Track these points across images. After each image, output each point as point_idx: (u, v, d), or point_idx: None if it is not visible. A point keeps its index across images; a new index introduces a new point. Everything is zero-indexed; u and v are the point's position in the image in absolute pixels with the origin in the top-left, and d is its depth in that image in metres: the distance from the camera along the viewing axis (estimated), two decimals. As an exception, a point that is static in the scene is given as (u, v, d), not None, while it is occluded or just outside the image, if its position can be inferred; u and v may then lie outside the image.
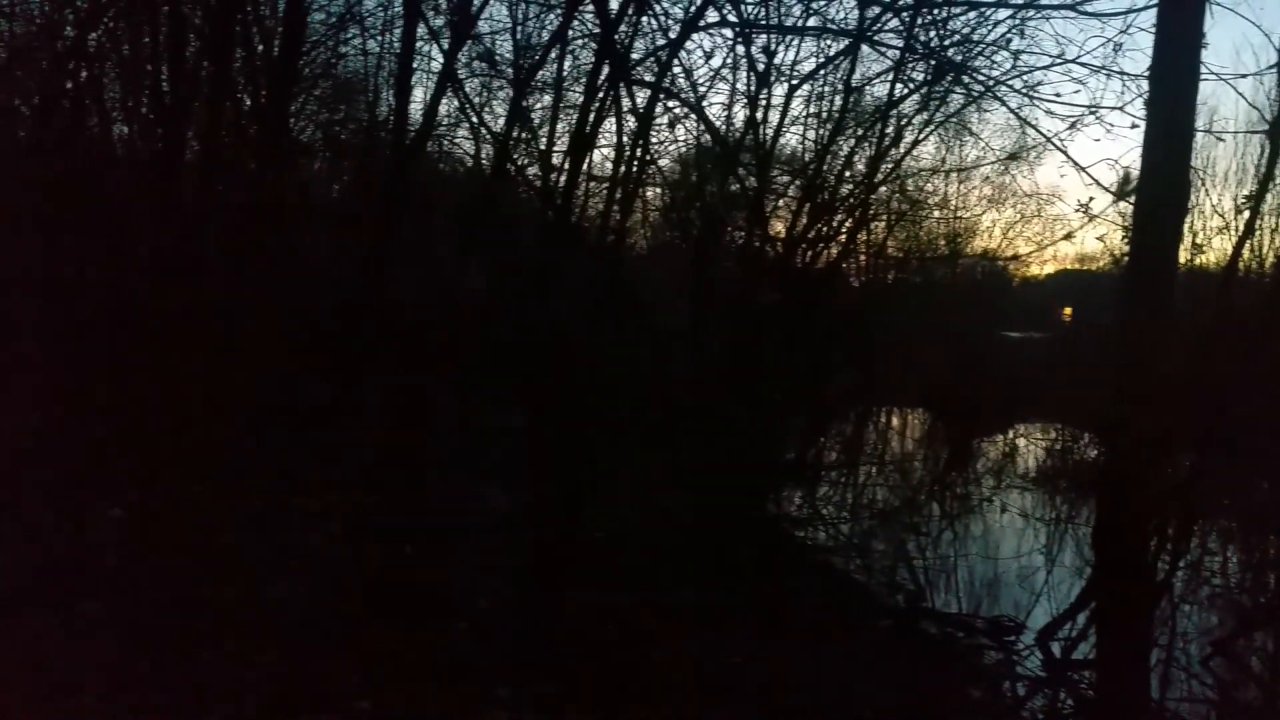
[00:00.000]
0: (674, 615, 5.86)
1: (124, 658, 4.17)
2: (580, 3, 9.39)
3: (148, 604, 4.71)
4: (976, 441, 18.61)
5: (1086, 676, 6.58)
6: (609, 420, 9.59)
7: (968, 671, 6.29)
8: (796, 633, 5.96)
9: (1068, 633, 7.15)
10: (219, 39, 9.05)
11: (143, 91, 10.01)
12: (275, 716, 3.96)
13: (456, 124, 12.97)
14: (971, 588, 8.21)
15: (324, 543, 6.14)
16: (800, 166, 13.58)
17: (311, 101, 12.73)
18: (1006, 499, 12.12)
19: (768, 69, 11.32)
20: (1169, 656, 6.82)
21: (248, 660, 4.35)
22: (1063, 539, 10.10)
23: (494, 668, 4.68)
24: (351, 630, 4.82)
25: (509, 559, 6.50)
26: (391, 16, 11.71)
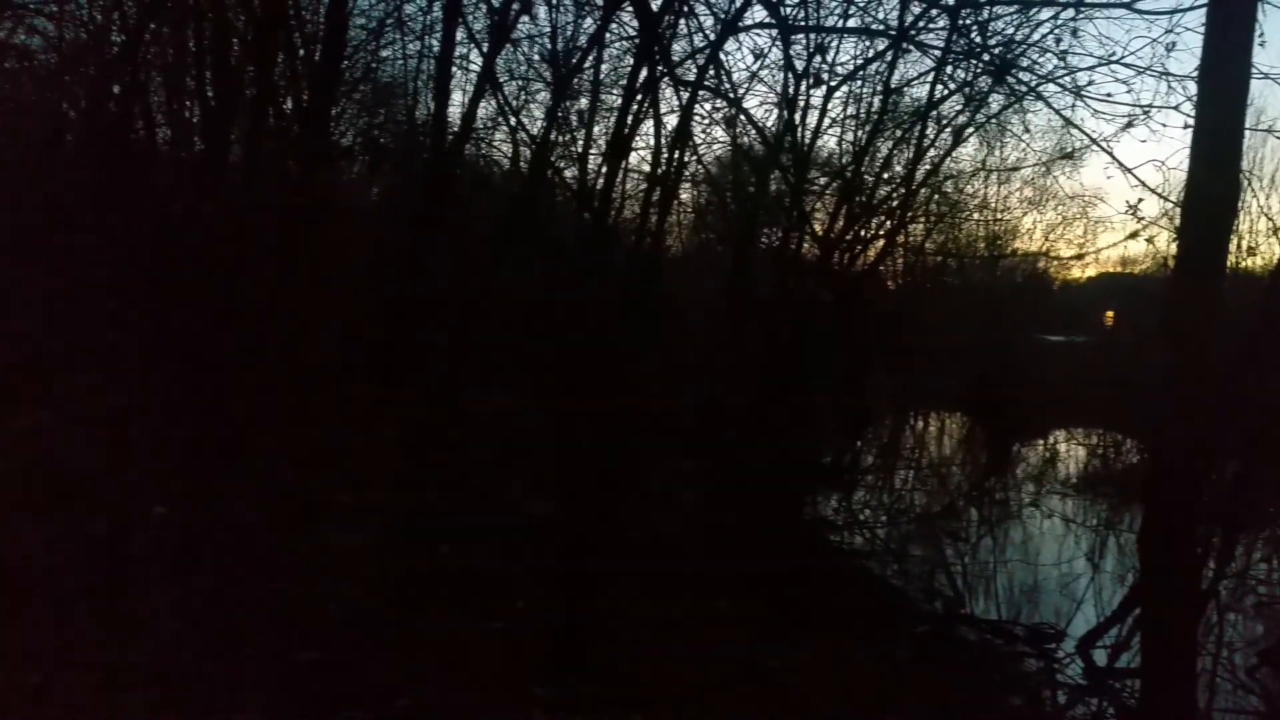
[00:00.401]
0: (710, 618, 5.85)
1: (167, 653, 4.23)
2: (619, 5, 9.40)
3: (190, 601, 4.77)
4: (1016, 445, 18.40)
5: (1129, 686, 6.47)
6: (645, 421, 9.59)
7: (1007, 679, 6.21)
8: (833, 638, 5.92)
9: (1110, 641, 7.03)
10: (262, 44, 9.17)
11: (187, 96, 10.18)
12: (314, 713, 4.00)
13: (495, 126, 13.06)
14: (1011, 594, 8.11)
15: (363, 541, 6.19)
16: (838, 168, 13.51)
17: (352, 105, 12.88)
18: (1047, 504, 11.97)
19: (806, 70, 11.27)
20: (1215, 667, 6.69)
21: (288, 657, 4.39)
22: (1104, 545, 9.95)
23: (531, 667, 4.70)
24: (389, 629, 4.86)
25: (545, 560, 6.51)
26: (431, 21, 11.82)
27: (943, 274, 23.28)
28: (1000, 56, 8.92)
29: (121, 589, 4.78)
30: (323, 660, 4.40)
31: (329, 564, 5.65)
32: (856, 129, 13.56)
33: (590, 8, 10.59)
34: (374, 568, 5.73)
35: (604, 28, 9.89)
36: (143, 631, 4.39)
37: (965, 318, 22.53)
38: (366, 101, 13.06)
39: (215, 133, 9.48)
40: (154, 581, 4.95)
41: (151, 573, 5.08)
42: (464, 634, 4.97)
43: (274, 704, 4.00)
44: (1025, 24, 9.20)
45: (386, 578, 5.59)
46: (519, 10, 9.76)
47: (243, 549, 5.60)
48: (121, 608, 4.58)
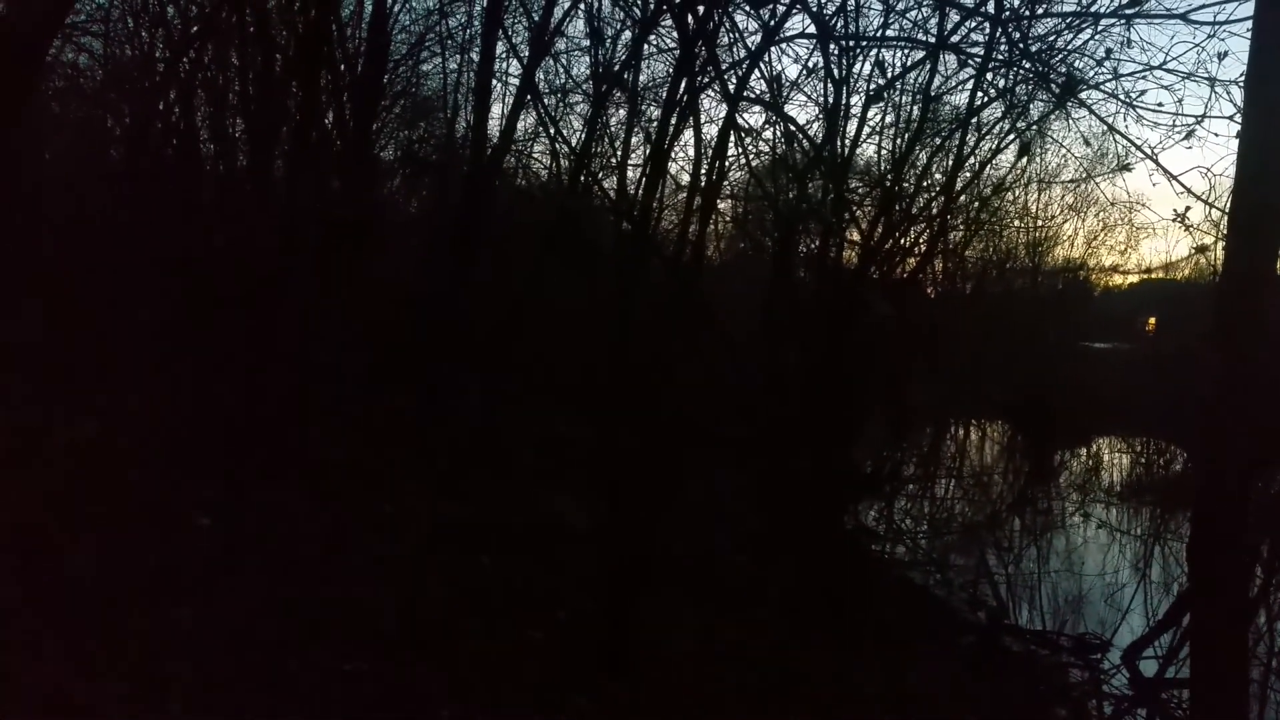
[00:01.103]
0: (752, 629, 5.84)
1: (213, 664, 4.28)
2: (660, 17, 9.47)
3: (237, 611, 4.82)
4: (1059, 454, 18.20)
5: (1177, 696, 6.39)
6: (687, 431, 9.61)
7: (1052, 690, 6.16)
8: (876, 648, 5.90)
9: (1157, 651, 6.95)
10: (305, 61, 9.32)
11: (231, 112, 10.38)
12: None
13: (534, 138, 13.18)
14: (1056, 604, 8.04)
15: (407, 551, 6.24)
16: (878, 176, 13.46)
17: (392, 119, 13.05)
18: (1091, 513, 11.83)
19: (846, 78, 11.26)
20: (1264, 676, 6.60)
21: (334, 667, 4.44)
22: (1149, 555, 9.83)
23: (573, 678, 4.72)
24: (433, 639, 4.90)
25: (586, 570, 6.54)
26: (471, 35, 11.95)
27: (984, 281, 23.10)
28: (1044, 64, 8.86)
29: (165, 599, 4.85)
30: (366, 671, 4.45)
31: (372, 575, 5.71)
32: (896, 137, 13.52)
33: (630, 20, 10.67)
34: (417, 578, 5.78)
35: (643, 38, 9.96)
36: (186, 642, 4.45)
37: (1006, 325, 22.33)
38: (407, 115, 13.24)
39: (259, 148, 9.64)
40: (198, 591, 5.02)
41: (195, 582, 5.15)
42: (505, 644, 5.00)
43: (318, 715, 4.05)
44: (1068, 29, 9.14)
45: (429, 588, 5.64)
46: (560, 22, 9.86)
47: (286, 559, 5.67)
48: (165, 618, 4.65)
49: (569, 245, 10.40)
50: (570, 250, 10.46)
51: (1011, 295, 24.05)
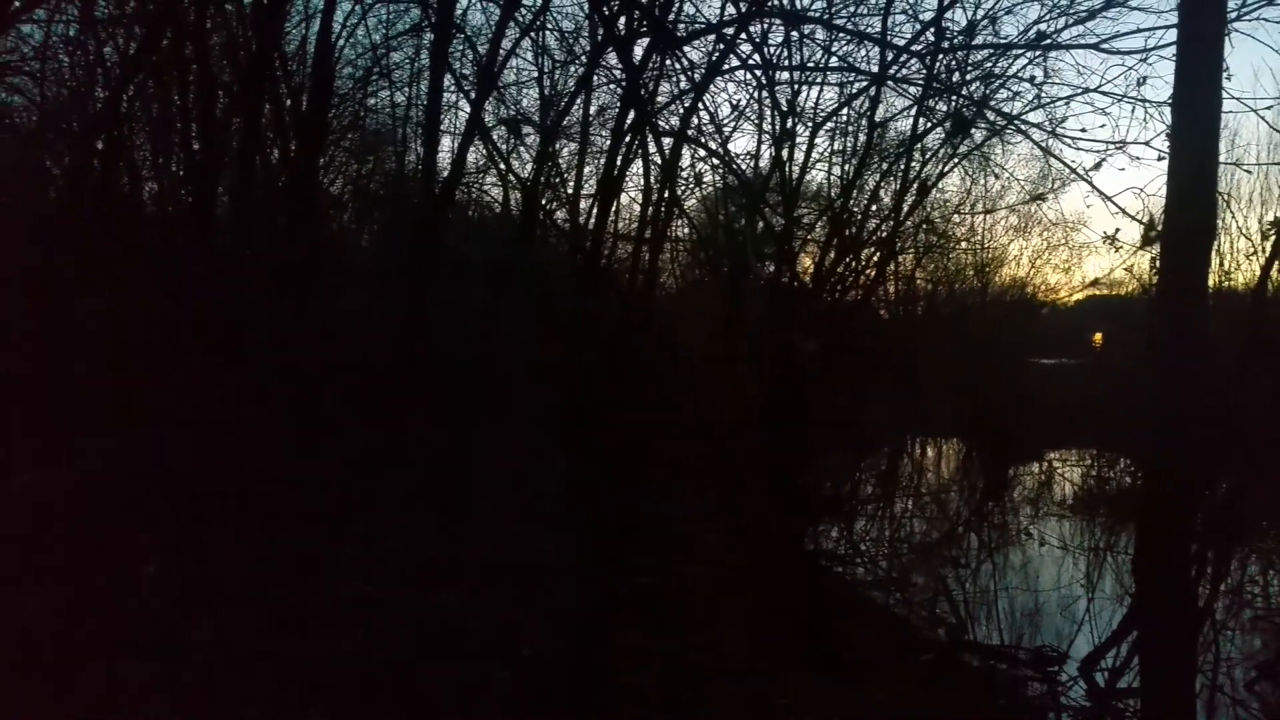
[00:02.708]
0: (719, 657, 5.84)
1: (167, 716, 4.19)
2: (604, 52, 9.56)
3: (189, 662, 4.73)
4: (1012, 470, 18.44)
5: (1131, 705, 6.49)
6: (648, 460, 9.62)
7: (1012, 703, 6.23)
8: (841, 670, 5.93)
9: (1111, 662, 7.05)
10: (248, 96, 9.26)
11: (173, 149, 10.25)
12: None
13: (484, 171, 13.19)
14: (1013, 619, 8.12)
15: (367, 592, 6.17)
16: (827, 203, 13.66)
17: (340, 154, 12.99)
18: (1045, 528, 11.99)
19: (790, 109, 11.45)
20: (1214, 682, 6.71)
21: (292, 715, 4.37)
22: (1102, 567, 9.97)
23: (543, 715, 4.68)
24: (394, 682, 4.84)
25: (554, 603, 6.51)
26: (418, 69, 11.97)
27: (934, 302, 23.42)
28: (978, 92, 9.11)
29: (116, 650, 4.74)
30: (324, 716, 4.38)
31: (333, 618, 5.63)
32: (843, 164, 13.75)
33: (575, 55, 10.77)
34: (377, 620, 5.71)
35: (590, 73, 10.05)
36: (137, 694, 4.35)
37: (958, 344, 22.63)
38: (355, 150, 13.19)
39: (202, 186, 9.53)
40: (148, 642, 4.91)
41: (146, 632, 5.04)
42: (469, 685, 4.95)
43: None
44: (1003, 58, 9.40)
45: (390, 630, 5.58)
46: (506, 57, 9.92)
47: (245, 605, 5.58)
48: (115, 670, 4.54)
49: (523, 277, 10.41)
50: (525, 282, 10.48)
51: (962, 315, 24.38)
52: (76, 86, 10.22)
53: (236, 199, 9.66)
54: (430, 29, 9.98)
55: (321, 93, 9.74)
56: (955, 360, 22.10)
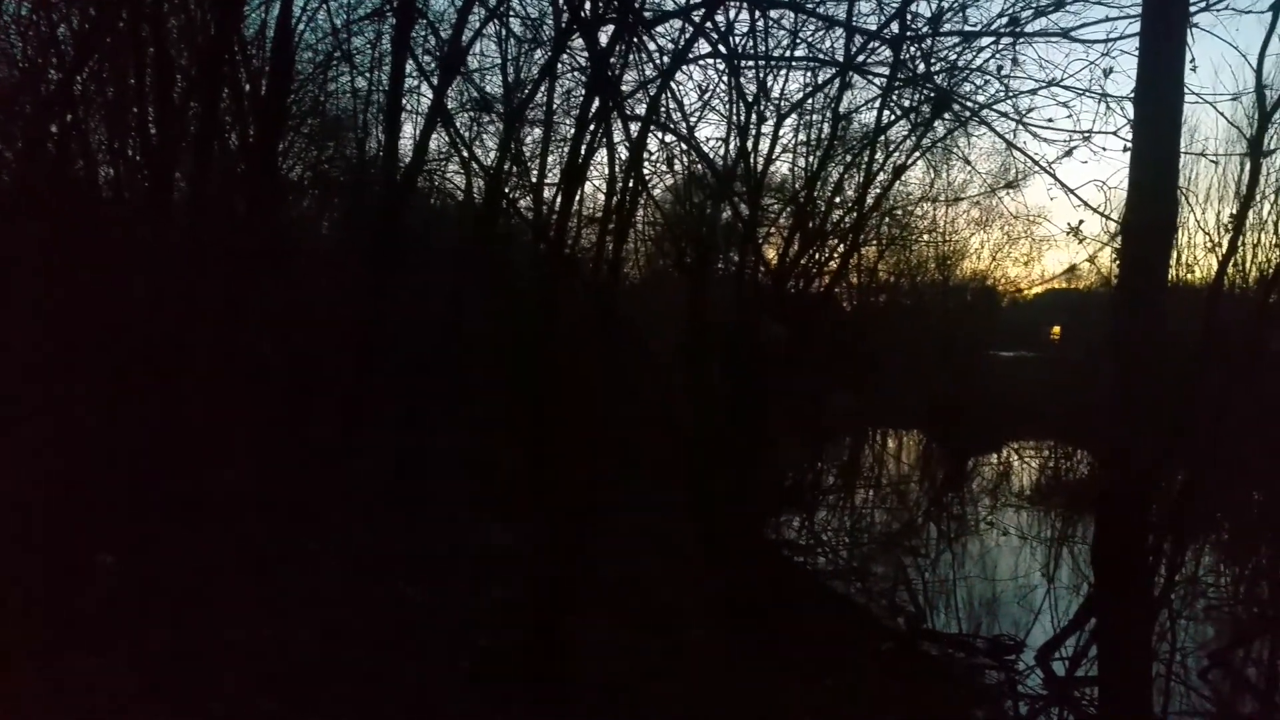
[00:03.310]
0: (680, 646, 5.84)
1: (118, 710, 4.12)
2: (569, 37, 9.48)
3: (142, 653, 4.66)
4: (972, 461, 18.64)
5: (1088, 694, 6.57)
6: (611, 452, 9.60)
7: (969, 692, 6.29)
8: (800, 660, 5.95)
9: (1068, 651, 7.14)
10: (206, 80, 9.09)
11: (129, 134, 10.04)
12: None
13: (447, 159, 13.04)
14: (971, 608, 8.21)
15: (324, 583, 6.10)
16: (792, 194, 13.69)
17: (300, 140, 12.79)
18: (1003, 519, 12.13)
19: (757, 98, 11.44)
20: (1169, 671, 6.82)
21: (249, 707, 4.31)
22: (1059, 557, 10.11)
23: (498, 707, 4.65)
24: (352, 673, 4.79)
25: (513, 594, 6.48)
26: (380, 54, 11.80)
27: (896, 295, 23.60)
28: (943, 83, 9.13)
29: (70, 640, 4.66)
30: (284, 709, 4.32)
31: (289, 610, 5.56)
32: (808, 155, 13.78)
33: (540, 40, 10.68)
34: (335, 609, 5.65)
35: (554, 59, 9.96)
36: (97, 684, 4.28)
37: (919, 337, 22.83)
38: (315, 135, 13.00)
39: (159, 171, 9.34)
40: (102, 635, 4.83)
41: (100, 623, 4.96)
42: (429, 675, 4.91)
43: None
44: (967, 50, 9.45)
45: (348, 621, 5.52)
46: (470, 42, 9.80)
47: (199, 597, 5.50)
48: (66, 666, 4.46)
49: (486, 266, 10.33)
50: (487, 271, 10.39)
51: (923, 308, 24.60)
52: (29, 67, 9.97)
53: (194, 184, 9.48)
54: (392, 13, 9.83)
55: (281, 77, 9.58)
56: (916, 352, 22.30)
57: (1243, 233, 11.87)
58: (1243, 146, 10.14)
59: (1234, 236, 10.15)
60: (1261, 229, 14.73)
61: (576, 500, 8.64)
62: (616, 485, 9.67)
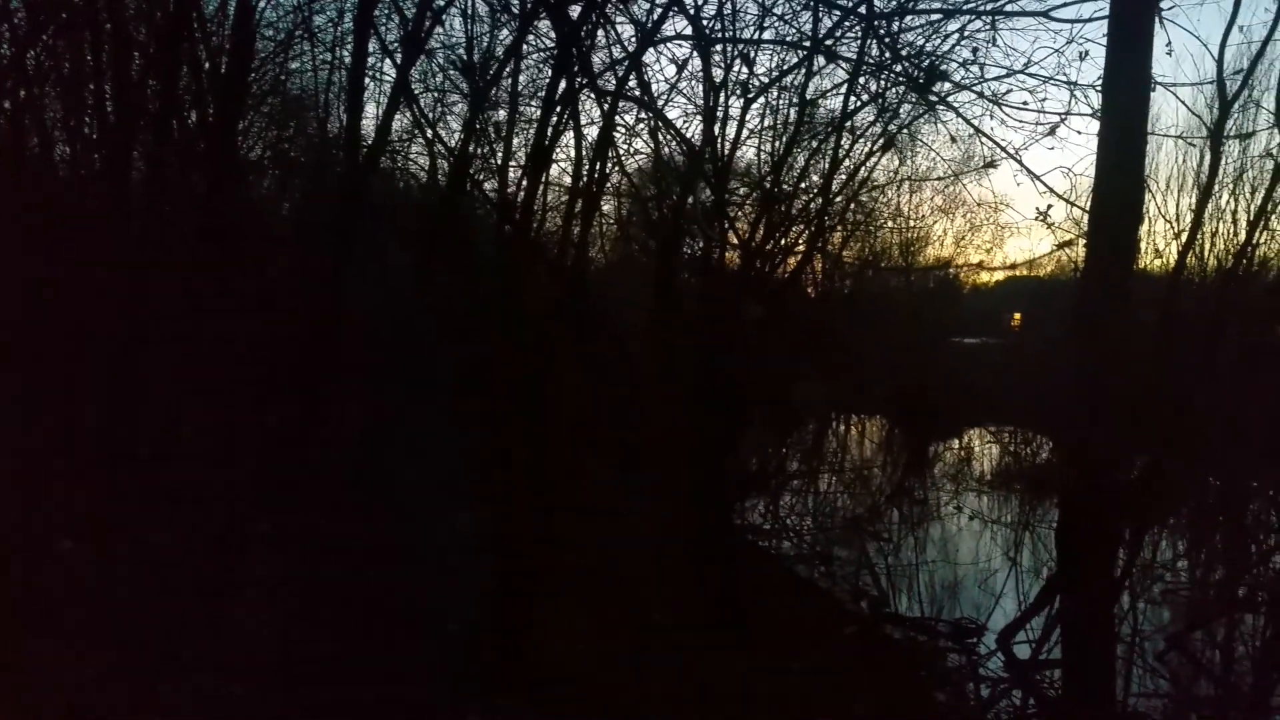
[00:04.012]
0: (647, 632, 5.83)
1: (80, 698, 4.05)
2: (536, 16, 9.37)
3: (104, 641, 4.57)
4: (935, 446, 18.82)
5: (1048, 676, 6.65)
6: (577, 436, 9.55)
7: (931, 674, 6.34)
8: (766, 644, 5.96)
9: (1029, 634, 7.22)
10: (164, 56, 8.89)
11: (85, 111, 9.82)
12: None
13: (411, 139, 12.87)
14: (934, 592, 8.28)
15: (286, 570, 6.03)
16: (758, 178, 13.67)
17: (261, 119, 12.58)
18: (965, 503, 12.25)
19: (725, 81, 11.40)
20: (1128, 654, 6.92)
21: (209, 694, 4.24)
22: (1020, 541, 10.22)
23: (466, 693, 4.61)
24: (316, 659, 4.73)
25: (480, 578, 6.43)
26: (343, 32, 11.60)
27: (861, 281, 23.71)
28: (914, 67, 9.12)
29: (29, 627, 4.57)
30: (244, 696, 4.26)
31: (252, 597, 5.49)
32: (775, 140, 13.76)
33: (507, 18, 10.54)
34: (299, 598, 5.57)
35: (521, 38, 9.84)
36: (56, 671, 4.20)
37: (884, 323, 22.98)
38: (276, 114, 12.78)
39: (116, 149, 9.14)
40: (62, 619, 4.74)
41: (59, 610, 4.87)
42: (394, 662, 4.87)
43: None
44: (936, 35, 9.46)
45: (312, 608, 5.45)
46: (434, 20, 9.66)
47: (159, 583, 5.41)
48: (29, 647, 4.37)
49: (451, 248, 10.21)
50: (452, 254, 10.28)
51: (887, 294, 24.75)
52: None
53: (152, 163, 9.28)
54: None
55: (241, 55, 9.38)
56: (881, 338, 22.44)
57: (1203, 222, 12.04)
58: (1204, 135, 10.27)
59: (1194, 225, 10.29)
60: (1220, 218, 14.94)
61: (544, 486, 8.60)
62: (585, 470, 9.64)
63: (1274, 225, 14.30)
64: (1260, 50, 10.27)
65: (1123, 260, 7.33)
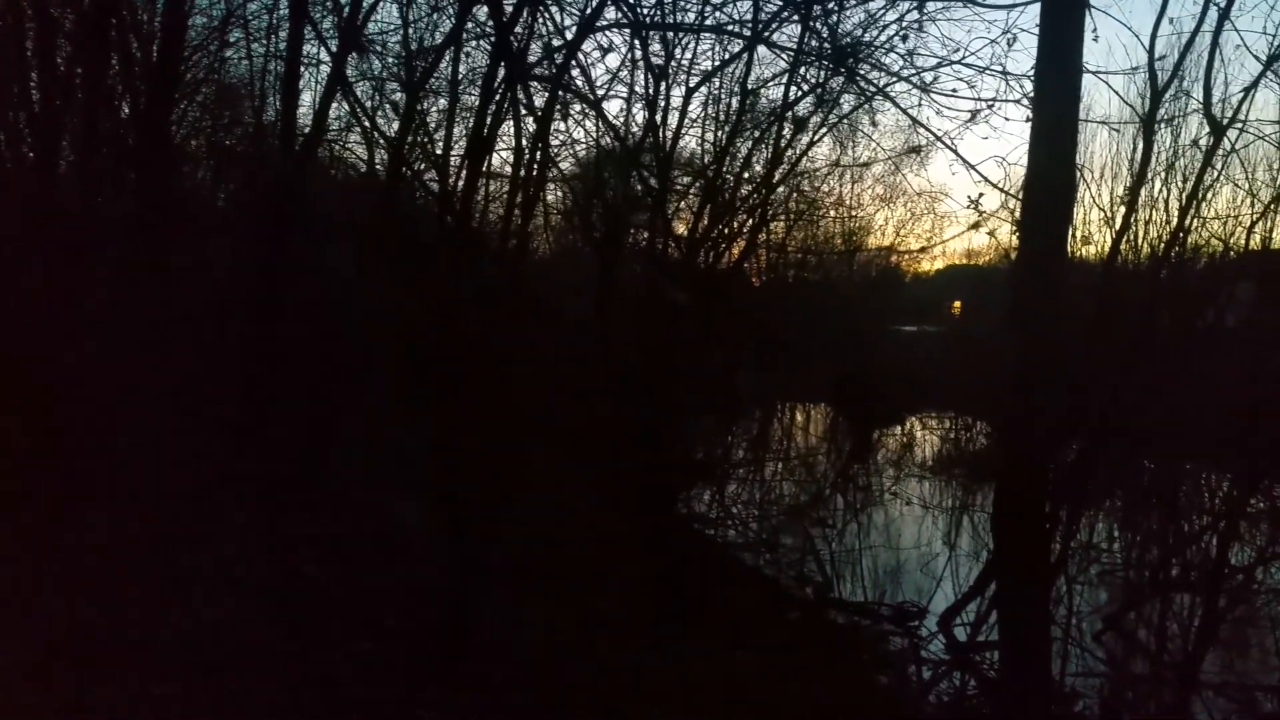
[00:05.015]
0: (594, 623, 5.82)
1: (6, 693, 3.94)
2: (474, 3, 9.27)
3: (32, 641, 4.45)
4: (877, 433, 19.04)
5: (988, 658, 6.77)
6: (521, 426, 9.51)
7: (874, 657, 6.42)
8: (712, 632, 5.98)
9: (969, 616, 7.34)
10: (92, 43, 8.66)
11: (11, 99, 9.53)
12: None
13: (348, 128, 12.68)
14: (876, 576, 8.38)
15: (223, 566, 5.91)
16: (700, 168, 13.71)
17: (194, 109, 12.31)
18: (907, 489, 12.41)
19: (665, 70, 11.40)
20: (1065, 634, 7.06)
21: (142, 692, 4.15)
22: (960, 525, 10.38)
23: (410, 688, 4.56)
24: (254, 656, 4.64)
25: (421, 573, 6.36)
26: (277, 20, 11.39)
27: (804, 270, 23.92)
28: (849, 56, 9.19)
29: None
30: (178, 694, 4.17)
31: (187, 593, 5.37)
32: (716, 129, 13.82)
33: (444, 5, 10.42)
34: (236, 594, 5.47)
35: (460, 25, 9.74)
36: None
37: (826, 312, 23.20)
38: (210, 104, 12.51)
39: (44, 139, 8.89)
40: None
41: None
42: (335, 657, 4.79)
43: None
44: (873, 25, 9.57)
45: (250, 604, 5.35)
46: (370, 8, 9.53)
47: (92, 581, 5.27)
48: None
49: (391, 239, 10.10)
50: (393, 245, 10.16)
51: (830, 283, 25.00)
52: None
53: (82, 154, 9.04)
54: (289, -24, 9.51)
55: (173, 42, 9.19)
56: (824, 327, 22.65)
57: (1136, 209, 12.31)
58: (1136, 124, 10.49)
59: (1128, 212, 10.51)
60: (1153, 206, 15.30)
61: (487, 476, 8.55)
62: (527, 460, 9.60)
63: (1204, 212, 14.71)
64: (1189, 40, 10.51)
65: (1055, 246, 7.46)
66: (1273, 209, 14.64)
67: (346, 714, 4.28)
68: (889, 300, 26.99)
